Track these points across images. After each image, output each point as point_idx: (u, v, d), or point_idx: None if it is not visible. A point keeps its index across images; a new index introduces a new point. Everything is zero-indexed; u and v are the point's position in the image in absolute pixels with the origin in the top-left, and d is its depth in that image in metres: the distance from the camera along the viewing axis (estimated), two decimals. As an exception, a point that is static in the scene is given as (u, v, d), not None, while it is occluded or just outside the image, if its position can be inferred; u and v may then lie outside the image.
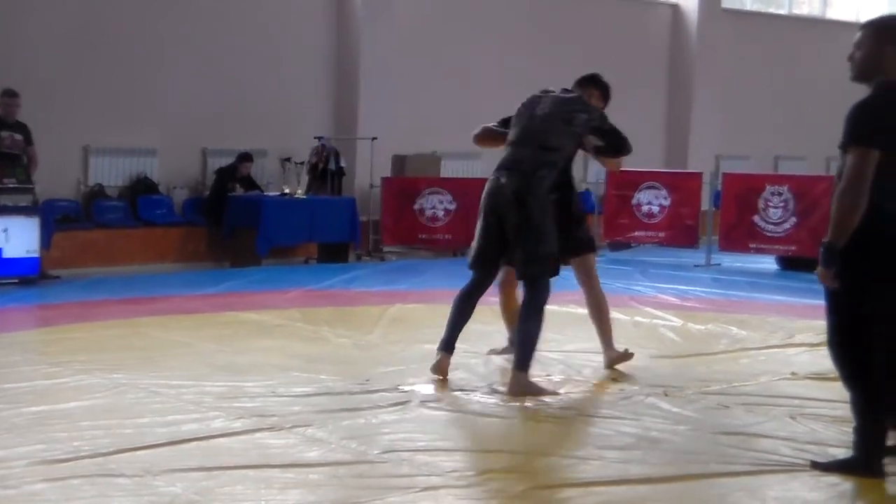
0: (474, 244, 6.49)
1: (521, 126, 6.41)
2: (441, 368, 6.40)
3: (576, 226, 6.75)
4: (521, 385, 6.10)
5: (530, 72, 15.73)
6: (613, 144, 6.56)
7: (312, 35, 14.23)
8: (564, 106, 6.42)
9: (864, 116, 4.55)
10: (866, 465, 4.67)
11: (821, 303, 6.50)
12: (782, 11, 20.01)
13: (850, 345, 4.73)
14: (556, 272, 6.31)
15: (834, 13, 20.53)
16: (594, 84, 6.87)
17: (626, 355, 6.88)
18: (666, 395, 6.14)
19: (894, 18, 4.79)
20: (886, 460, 4.73)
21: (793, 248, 12.61)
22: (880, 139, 4.51)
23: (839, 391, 6.32)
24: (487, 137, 6.76)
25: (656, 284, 10.98)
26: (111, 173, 12.66)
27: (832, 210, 4.65)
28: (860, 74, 4.69)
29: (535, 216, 6.19)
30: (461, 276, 11.24)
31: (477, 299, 6.52)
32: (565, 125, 6.35)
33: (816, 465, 4.80)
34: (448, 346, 6.43)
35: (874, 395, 4.70)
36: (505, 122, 6.65)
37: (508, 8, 15.95)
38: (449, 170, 14.55)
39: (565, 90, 6.63)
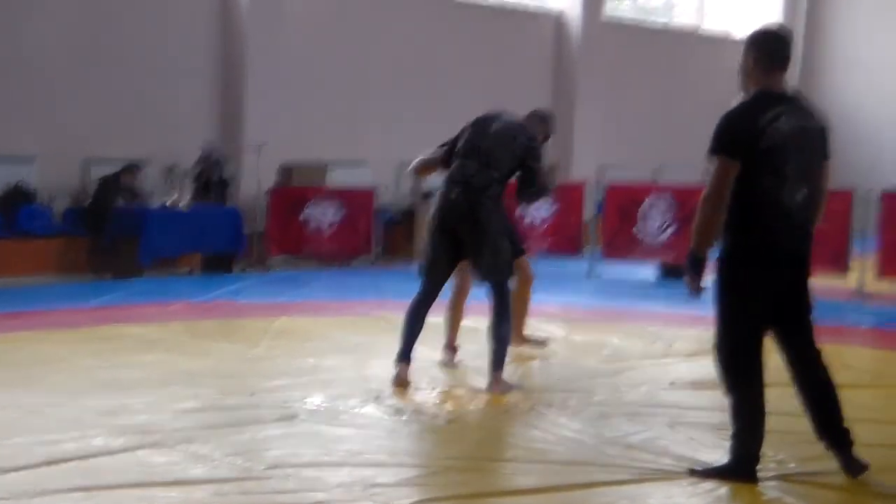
0: (427, 256, 6.76)
1: (471, 141, 6.71)
2: (401, 380, 6.64)
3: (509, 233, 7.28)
4: (502, 384, 6.56)
5: (417, 81, 15.85)
6: (532, 183, 6.79)
7: (197, 42, 14.04)
8: (514, 128, 6.76)
9: (725, 126, 4.74)
10: (741, 471, 4.82)
11: (699, 312, 6.67)
12: (661, 23, 20.44)
13: (733, 353, 4.86)
14: (512, 273, 6.82)
15: (709, 26, 21.07)
16: (543, 121, 7.19)
17: (541, 342, 7.74)
18: (550, 405, 6.22)
19: (760, 30, 4.94)
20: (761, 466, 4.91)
21: (673, 256, 12.87)
22: (739, 150, 4.68)
23: (716, 399, 6.50)
24: (424, 168, 7.07)
25: (540, 294, 11.08)
26: (-15, 182, 12.29)
27: (695, 219, 4.80)
28: (741, 86, 4.88)
29: (491, 229, 6.58)
30: (348, 287, 11.35)
31: (427, 310, 6.81)
32: (511, 144, 6.66)
33: (694, 473, 4.93)
34: (405, 356, 6.71)
35: (753, 403, 4.84)
36: (449, 145, 6.86)
37: (395, 17, 15.97)
38: (336, 179, 14.50)
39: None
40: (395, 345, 7.75)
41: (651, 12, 20.71)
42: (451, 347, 7.43)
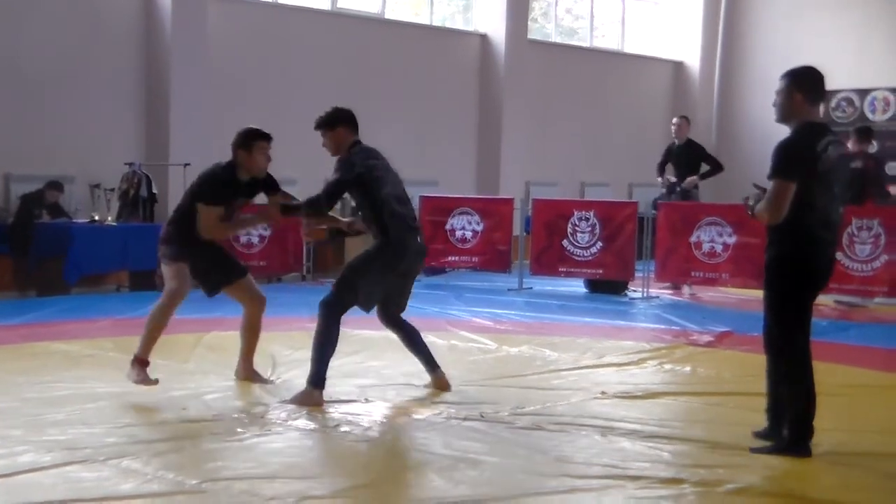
0: (376, 295, 6.80)
1: (395, 185, 6.84)
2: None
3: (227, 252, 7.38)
4: (445, 381, 7.02)
5: (342, 99, 15.76)
6: None
7: (121, 59, 13.92)
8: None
9: (787, 152, 5.36)
10: (801, 447, 5.47)
11: (625, 324, 6.74)
12: (584, 44, 20.70)
13: (792, 338, 5.48)
14: None
15: (631, 47, 21.39)
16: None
17: (265, 380, 7.26)
18: (483, 417, 6.27)
19: (804, 70, 5.55)
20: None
21: (600, 271, 13.05)
22: (799, 173, 5.31)
23: (645, 409, 6.66)
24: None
25: (471, 308, 11.18)
26: None
27: (763, 207, 5.46)
28: (780, 117, 5.57)
29: None
30: (278, 303, 11.21)
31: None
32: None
33: (754, 451, 5.53)
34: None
35: (804, 383, 5.46)
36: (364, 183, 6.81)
37: (321, 36, 15.98)
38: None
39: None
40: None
41: (575, 33, 20.96)
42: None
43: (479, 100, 18.42)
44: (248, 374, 7.24)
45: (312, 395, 6.56)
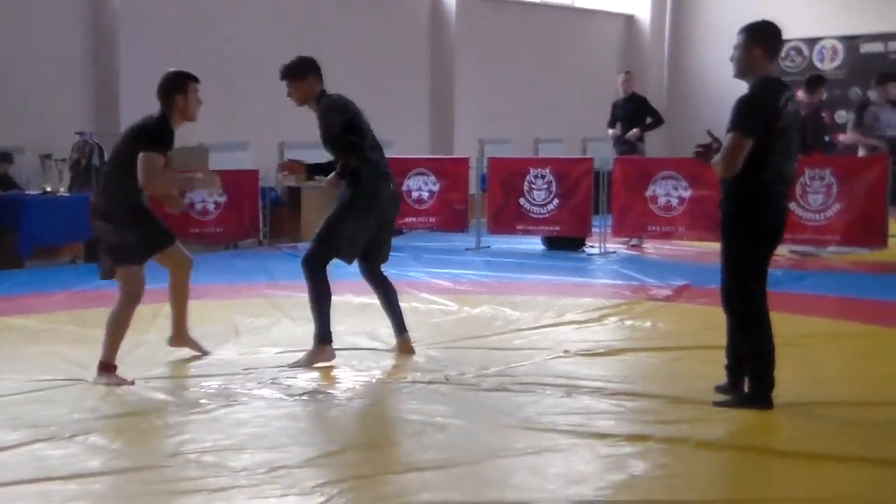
0: (357, 245, 6.77)
1: (371, 133, 6.89)
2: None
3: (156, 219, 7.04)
4: (410, 345, 7.04)
5: (294, 61, 15.69)
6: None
7: (69, 27, 13.70)
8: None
9: (750, 107, 5.38)
10: (763, 399, 5.51)
11: (584, 281, 6.70)
12: (536, 0, 20.65)
13: (752, 295, 5.53)
14: None
15: (582, 2, 21.34)
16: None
17: (202, 349, 7.16)
18: (447, 379, 6.29)
19: (763, 24, 5.54)
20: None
21: (557, 228, 13.10)
22: (758, 129, 5.32)
23: (608, 366, 6.72)
24: None
25: (430, 269, 11.18)
26: None
27: (718, 159, 5.48)
28: (738, 72, 5.56)
29: None
30: (233, 271, 11.23)
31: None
32: None
33: (716, 404, 5.60)
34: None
35: (762, 335, 5.53)
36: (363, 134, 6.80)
37: (271, -2, 15.84)
38: (217, 162, 14.31)
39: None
40: (288, 326, 7.71)
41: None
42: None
43: (432, 59, 18.33)
44: (183, 341, 7.08)
45: (324, 352, 6.71)
